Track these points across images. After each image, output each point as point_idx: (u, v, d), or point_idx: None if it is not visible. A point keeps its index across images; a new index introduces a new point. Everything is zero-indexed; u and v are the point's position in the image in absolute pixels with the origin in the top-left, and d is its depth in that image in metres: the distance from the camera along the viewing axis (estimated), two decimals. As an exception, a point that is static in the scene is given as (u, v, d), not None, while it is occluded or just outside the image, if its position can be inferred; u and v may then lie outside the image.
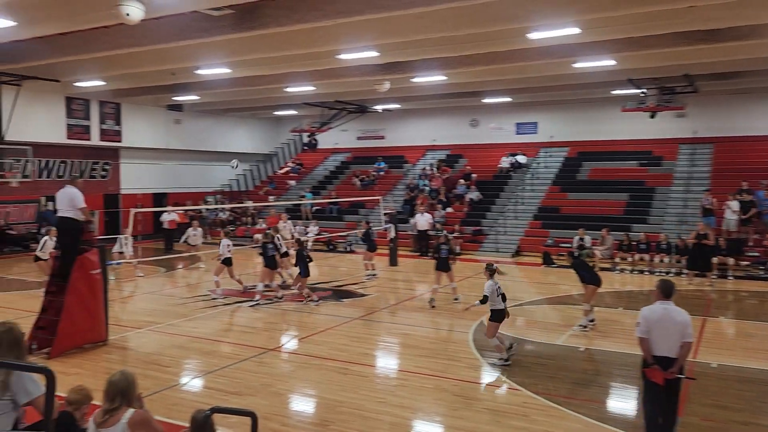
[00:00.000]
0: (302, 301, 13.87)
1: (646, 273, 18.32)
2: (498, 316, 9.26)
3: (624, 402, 8.02)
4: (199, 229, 20.38)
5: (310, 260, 13.93)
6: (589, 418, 7.17)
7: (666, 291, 6.25)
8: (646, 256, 18.78)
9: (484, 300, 9.15)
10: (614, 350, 10.11)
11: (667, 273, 17.83)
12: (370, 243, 17.33)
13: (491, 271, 9.48)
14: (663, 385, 6.11)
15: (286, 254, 15.11)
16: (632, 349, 9.89)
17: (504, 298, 9.35)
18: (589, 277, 11.41)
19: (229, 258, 14.73)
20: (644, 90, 20.88)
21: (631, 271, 18.63)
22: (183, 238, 20.68)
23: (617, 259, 19.22)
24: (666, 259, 18.43)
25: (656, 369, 6.10)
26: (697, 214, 20.54)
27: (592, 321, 11.46)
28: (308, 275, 13.80)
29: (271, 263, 14.05)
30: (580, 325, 11.34)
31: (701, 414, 7.29)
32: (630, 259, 18.99)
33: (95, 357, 9.71)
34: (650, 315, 6.21)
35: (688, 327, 6.08)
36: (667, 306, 6.17)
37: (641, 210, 22.49)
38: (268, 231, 15.42)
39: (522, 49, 15.81)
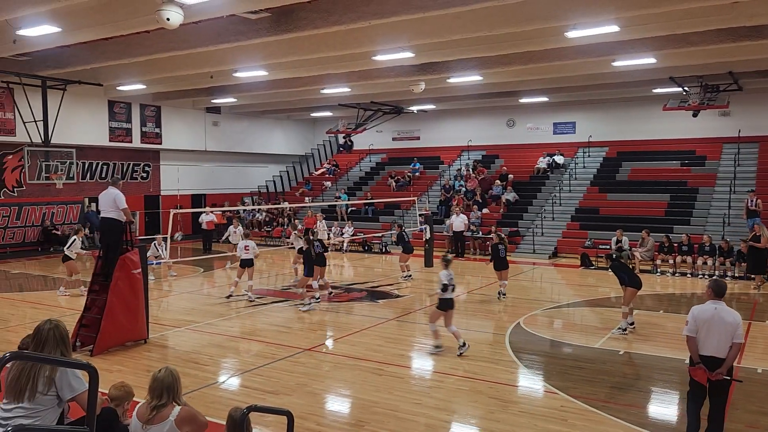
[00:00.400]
0: (339, 301, 13.94)
1: (688, 276, 17.89)
2: (444, 305, 9.85)
3: (665, 407, 7.83)
4: (240, 227, 20.67)
5: (317, 261, 13.75)
6: (629, 423, 7.02)
7: (718, 290, 6.28)
8: (689, 259, 18.34)
9: (444, 288, 9.74)
10: (654, 354, 9.90)
11: (711, 276, 17.44)
12: (405, 245, 17.34)
13: (446, 261, 10.13)
14: (707, 385, 6.03)
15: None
16: (673, 353, 9.71)
17: (453, 289, 9.89)
18: (628, 279, 11.19)
19: (248, 259, 14.38)
20: (686, 88, 20.40)
21: (673, 274, 18.22)
22: (225, 236, 21.02)
23: (658, 261, 18.81)
24: (709, 262, 17.96)
25: (700, 368, 6.03)
26: (741, 215, 20.00)
27: (631, 324, 11.25)
28: (311, 275, 13.73)
29: (320, 261, 13.98)
30: (620, 329, 11.12)
31: (746, 421, 7.08)
32: (671, 262, 18.57)
33: (136, 355, 9.93)
34: (700, 314, 6.20)
35: (739, 328, 6.06)
36: (718, 305, 6.18)
37: (683, 211, 21.97)
38: (312, 230, 15.34)
39: (559, 48, 15.61)
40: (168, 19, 10.50)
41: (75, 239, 15.29)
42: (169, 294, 15.72)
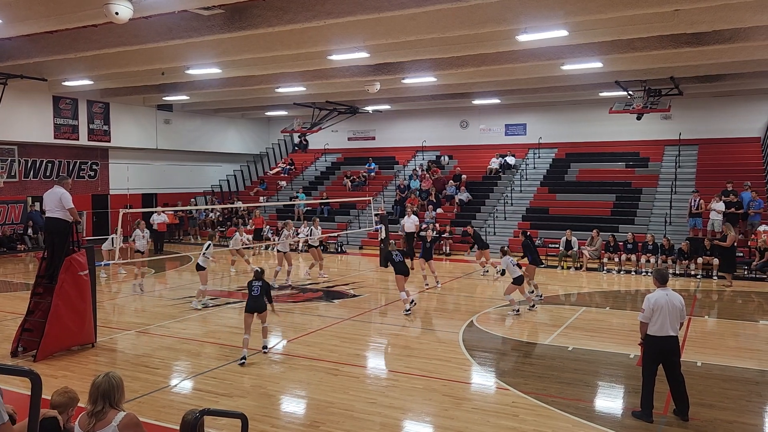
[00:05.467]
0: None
1: (633, 273, 18.48)
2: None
3: (611, 401, 8.09)
4: (246, 235, 19.44)
5: (402, 270, 13.12)
6: (578, 417, 7.23)
7: (663, 278, 7.32)
8: (633, 257, 18.94)
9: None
10: (602, 350, 10.19)
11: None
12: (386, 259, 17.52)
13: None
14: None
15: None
16: (619, 349, 10.03)
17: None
18: (531, 258, 13.95)
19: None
20: (631, 92, 21.05)
21: (618, 272, 18.79)
22: (231, 245, 18.75)
23: (605, 260, 19.37)
24: (652, 260, 18.58)
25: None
26: (681, 215, 20.81)
27: (539, 297, 13.85)
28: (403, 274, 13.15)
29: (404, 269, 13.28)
30: (530, 292, 13.57)
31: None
32: (617, 260, 19.15)
33: (83, 359, 9.66)
34: (657, 302, 7.11)
35: (684, 308, 7.29)
36: (668, 292, 7.22)
37: (628, 211, 22.67)
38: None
39: (511, 51, 15.90)
40: (117, 14, 10.26)
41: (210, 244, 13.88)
42: (118, 296, 15.35)
